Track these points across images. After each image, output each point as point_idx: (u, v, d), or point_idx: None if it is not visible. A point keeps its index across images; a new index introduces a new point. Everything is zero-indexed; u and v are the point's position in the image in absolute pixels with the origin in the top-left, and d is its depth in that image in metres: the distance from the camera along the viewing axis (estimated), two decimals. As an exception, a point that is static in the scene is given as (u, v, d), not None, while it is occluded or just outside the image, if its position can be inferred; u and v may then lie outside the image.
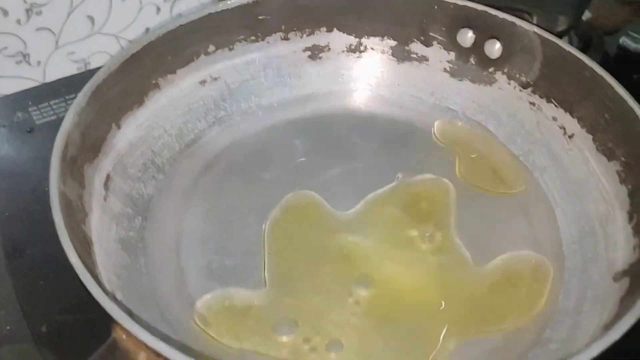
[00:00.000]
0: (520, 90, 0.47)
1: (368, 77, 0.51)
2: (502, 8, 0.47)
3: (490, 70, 0.48)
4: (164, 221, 0.42)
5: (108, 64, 0.41)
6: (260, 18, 0.48)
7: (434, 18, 0.49)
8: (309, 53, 0.50)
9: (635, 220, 0.38)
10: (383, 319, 0.38)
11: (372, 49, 0.51)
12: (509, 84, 0.48)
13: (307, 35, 0.50)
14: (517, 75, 0.47)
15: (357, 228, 0.42)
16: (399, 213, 0.43)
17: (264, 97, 0.50)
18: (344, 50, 0.51)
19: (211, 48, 0.47)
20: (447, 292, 0.39)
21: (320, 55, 0.51)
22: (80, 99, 0.39)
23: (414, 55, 0.50)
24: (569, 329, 0.37)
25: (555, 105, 0.45)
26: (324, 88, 0.51)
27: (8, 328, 0.38)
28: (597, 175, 0.42)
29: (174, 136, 0.46)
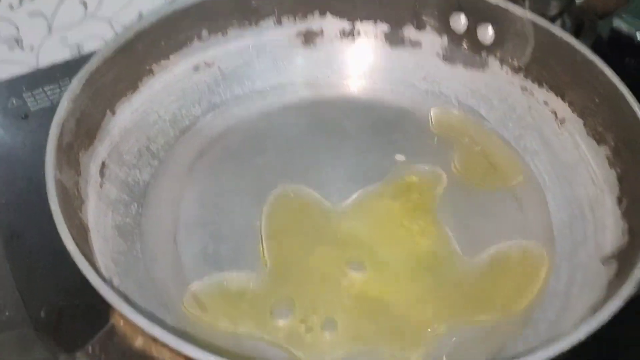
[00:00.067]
0: (512, 75, 0.47)
1: (361, 62, 0.51)
2: (495, -8, 0.47)
3: (483, 54, 0.48)
4: (160, 207, 0.42)
5: (102, 50, 0.41)
6: (253, 3, 0.48)
7: (427, 2, 0.49)
8: (302, 38, 0.50)
9: (624, 204, 0.39)
10: (376, 301, 0.38)
11: (366, 33, 0.51)
12: (501, 69, 0.48)
13: (300, 20, 0.50)
14: (510, 60, 0.47)
15: (351, 216, 0.42)
16: (392, 202, 0.43)
17: (257, 82, 0.50)
18: (337, 35, 0.51)
19: (204, 33, 0.47)
20: (438, 280, 0.39)
21: (313, 39, 0.50)
22: (75, 85, 0.39)
23: (407, 40, 0.50)
24: (558, 310, 0.37)
25: (547, 90, 0.46)
26: (317, 73, 0.51)
27: (7, 314, 0.38)
28: (588, 159, 0.43)
29: (168, 122, 0.46)
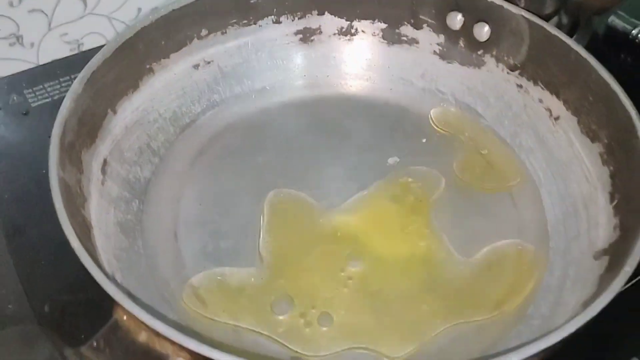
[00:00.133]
0: (508, 73, 0.48)
1: (359, 60, 0.51)
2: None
3: (479, 52, 0.49)
4: (161, 204, 0.43)
5: (103, 50, 0.42)
6: (252, 2, 0.48)
7: (423, 1, 0.49)
8: (301, 36, 0.51)
9: (616, 201, 0.39)
10: (374, 295, 0.39)
11: (363, 31, 0.51)
12: (497, 67, 0.48)
13: (299, 18, 0.50)
14: (505, 58, 0.48)
15: (349, 216, 0.43)
16: (390, 203, 0.43)
17: (256, 81, 0.50)
18: (335, 33, 0.51)
19: (204, 32, 0.48)
20: (434, 278, 0.40)
21: (311, 38, 0.51)
22: (76, 85, 0.39)
23: (404, 38, 0.51)
24: (551, 305, 0.38)
25: (542, 88, 0.46)
26: (315, 71, 0.51)
27: (10, 307, 0.39)
28: (581, 156, 0.43)
29: (168, 120, 0.46)
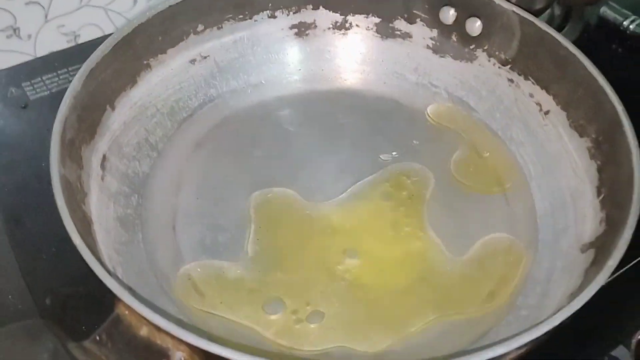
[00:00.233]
0: (499, 67, 0.48)
1: (353, 54, 0.52)
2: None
3: (471, 47, 0.49)
4: (160, 198, 0.44)
5: (101, 47, 0.42)
6: (248, -4, 0.49)
7: (417, -5, 0.50)
8: (296, 30, 0.51)
9: (602, 195, 0.40)
10: (367, 290, 0.40)
11: (357, 26, 0.52)
12: (489, 61, 0.49)
13: (294, 13, 0.51)
14: (497, 53, 0.48)
15: (343, 211, 0.43)
16: (382, 199, 0.44)
17: (252, 75, 0.51)
18: (329, 28, 0.52)
19: (200, 27, 0.48)
20: (425, 274, 0.41)
21: (306, 32, 0.51)
22: (76, 83, 0.40)
23: (398, 32, 0.51)
24: (539, 296, 0.39)
25: (532, 83, 0.47)
26: (310, 65, 0.52)
27: (10, 298, 0.40)
28: (570, 150, 0.44)
29: (166, 115, 0.47)
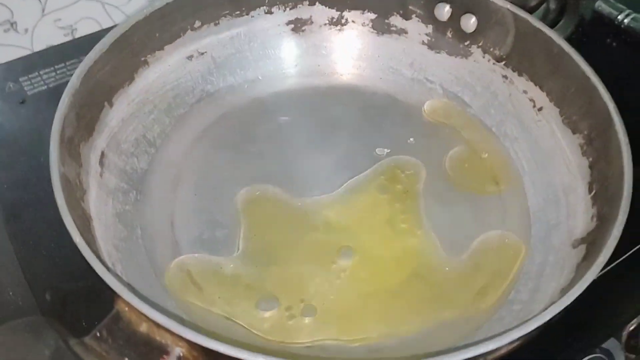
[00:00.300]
0: (494, 64, 0.49)
1: (349, 50, 0.52)
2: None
3: (466, 43, 0.50)
4: (158, 194, 0.44)
5: (99, 44, 0.42)
6: (245, -8, 0.49)
7: (413, -9, 0.50)
8: (292, 26, 0.51)
9: (594, 191, 0.41)
10: (362, 285, 0.40)
11: (353, 21, 0.52)
12: (484, 57, 0.49)
13: (290, 8, 0.51)
14: (491, 49, 0.49)
15: (338, 206, 0.44)
16: (377, 194, 0.45)
17: (249, 71, 0.51)
18: (326, 23, 0.52)
19: (197, 24, 0.48)
20: (421, 272, 0.41)
21: (303, 28, 0.52)
22: (74, 81, 0.40)
23: (394, 28, 0.51)
24: (531, 291, 0.39)
25: (526, 79, 0.47)
26: (307, 60, 0.52)
27: (11, 293, 0.40)
28: (563, 147, 0.44)
29: (163, 111, 0.47)
